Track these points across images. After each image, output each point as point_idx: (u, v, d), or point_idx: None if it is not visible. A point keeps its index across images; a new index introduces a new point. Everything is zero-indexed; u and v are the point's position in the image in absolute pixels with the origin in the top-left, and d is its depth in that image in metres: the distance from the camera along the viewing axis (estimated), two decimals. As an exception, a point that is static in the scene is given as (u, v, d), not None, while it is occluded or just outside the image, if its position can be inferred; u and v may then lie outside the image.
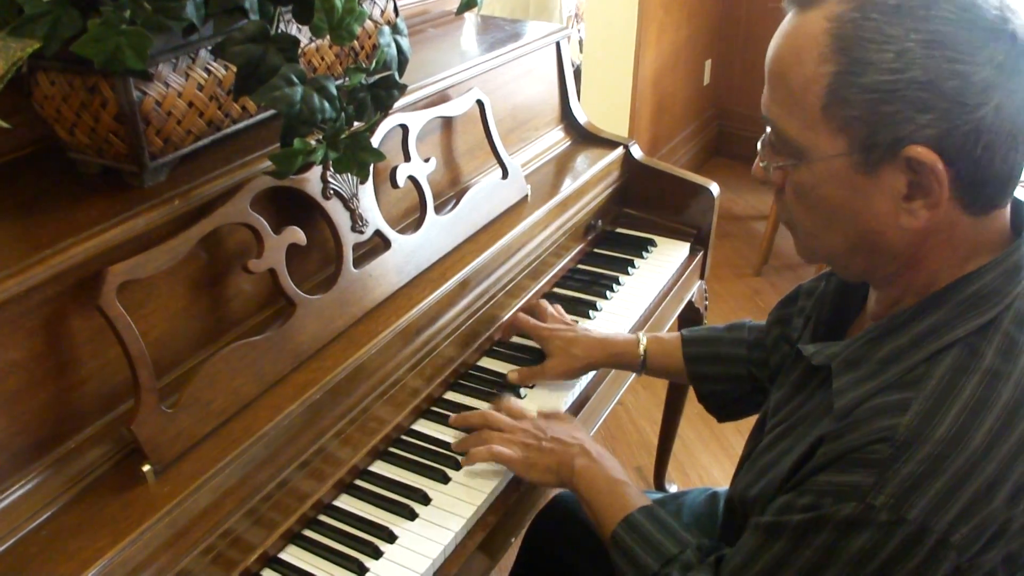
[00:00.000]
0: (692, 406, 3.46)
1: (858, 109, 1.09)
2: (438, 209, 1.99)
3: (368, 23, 1.81)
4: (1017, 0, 1.10)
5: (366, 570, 1.51)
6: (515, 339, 2.11)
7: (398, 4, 1.90)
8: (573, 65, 2.78)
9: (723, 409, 1.95)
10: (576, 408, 1.98)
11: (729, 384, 1.90)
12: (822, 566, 1.15)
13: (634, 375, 2.18)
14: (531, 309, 2.13)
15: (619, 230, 2.63)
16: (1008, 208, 1.21)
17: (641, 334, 2.01)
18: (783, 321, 1.72)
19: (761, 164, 1.27)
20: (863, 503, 1.10)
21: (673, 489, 3.20)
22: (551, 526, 1.98)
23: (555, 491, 1.98)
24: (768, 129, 1.25)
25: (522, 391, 1.95)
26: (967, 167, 1.09)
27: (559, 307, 2.16)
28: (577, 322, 2.11)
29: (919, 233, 1.16)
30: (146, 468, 1.36)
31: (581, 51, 5.14)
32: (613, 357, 2.00)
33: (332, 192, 1.71)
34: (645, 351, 1.98)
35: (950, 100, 1.05)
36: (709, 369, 1.92)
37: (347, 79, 1.47)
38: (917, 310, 1.20)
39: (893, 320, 1.23)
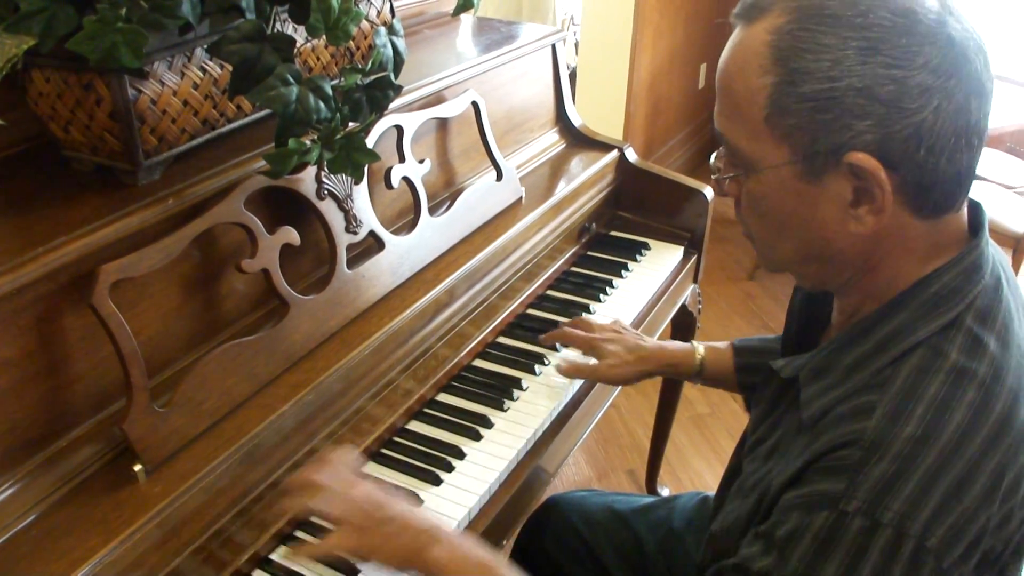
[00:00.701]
0: (684, 410, 3.48)
1: (797, 118, 1.10)
2: (432, 210, 1.99)
3: (364, 24, 1.81)
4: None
5: (357, 572, 1.50)
6: (510, 342, 2.11)
7: (394, 5, 1.90)
8: (568, 68, 2.78)
9: None
10: (570, 410, 1.98)
11: None
12: None
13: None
14: (576, 324, 2.06)
15: (613, 233, 2.63)
16: (965, 210, 1.21)
17: (696, 343, 1.97)
18: None
19: (713, 177, 1.29)
20: (835, 511, 1.07)
21: (665, 492, 3.20)
22: (543, 529, 1.98)
23: (547, 494, 1.99)
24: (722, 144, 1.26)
25: (524, 383, 1.96)
26: (911, 171, 1.10)
27: (605, 317, 2.14)
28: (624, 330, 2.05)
29: (868, 239, 1.16)
30: (137, 468, 1.36)
31: (576, 54, 5.14)
32: (669, 367, 1.96)
33: (326, 192, 1.71)
34: (702, 360, 1.94)
35: (887, 105, 1.06)
36: (757, 379, 1.87)
37: (343, 79, 1.47)
38: (879, 315, 1.20)
39: (856, 327, 1.22)
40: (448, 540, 1.35)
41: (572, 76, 4.88)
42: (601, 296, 2.31)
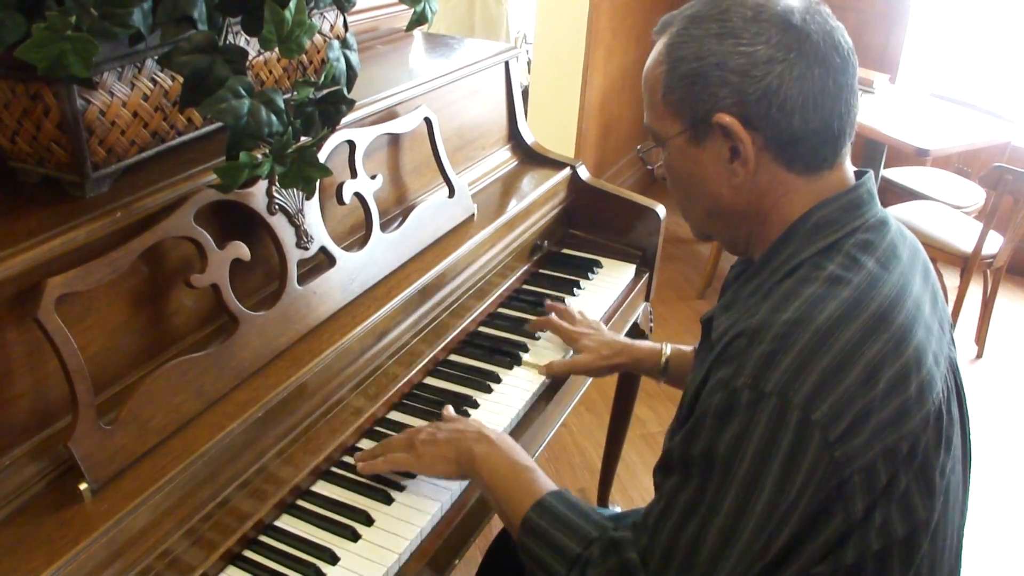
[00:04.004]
0: (635, 428, 3.48)
1: (679, 93, 1.38)
2: (384, 227, 1.98)
3: (317, 37, 1.80)
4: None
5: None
6: (462, 360, 2.11)
7: (348, 19, 1.88)
8: (521, 86, 2.78)
9: None
10: (522, 428, 1.97)
11: None
12: (710, 470, 1.26)
13: (579, 396, 2.26)
14: (559, 312, 2.24)
15: (565, 251, 2.63)
16: (848, 171, 1.43)
17: (664, 344, 2.14)
18: None
19: (639, 154, 1.60)
20: (727, 390, 1.25)
21: (616, 510, 3.19)
22: (510, 536, 1.98)
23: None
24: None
25: (476, 400, 1.95)
26: (769, 128, 1.33)
27: (583, 311, 2.27)
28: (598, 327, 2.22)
29: (751, 191, 1.40)
30: (83, 486, 1.33)
31: (529, 72, 5.14)
32: (638, 361, 2.14)
33: (277, 207, 1.69)
34: (667, 360, 2.12)
35: (740, 74, 1.32)
36: None
37: (295, 93, 1.46)
38: (771, 250, 1.41)
39: (756, 264, 1.44)
40: (495, 439, 1.69)
41: (524, 94, 4.88)
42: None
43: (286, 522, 1.61)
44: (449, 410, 1.87)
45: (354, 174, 1.91)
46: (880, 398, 1.22)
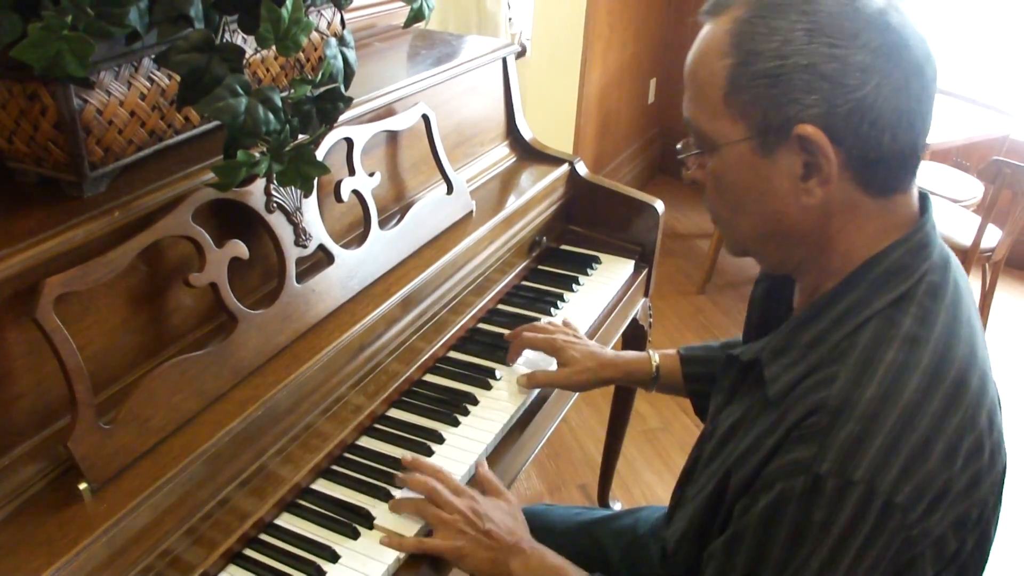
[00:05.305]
0: (636, 424, 3.48)
1: (751, 94, 1.20)
2: (382, 224, 1.98)
3: (314, 35, 1.80)
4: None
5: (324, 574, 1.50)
6: (462, 357, 2.10)
7: (345, 16, 1.88)
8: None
9: None
10: (522, 425, 1.97)
11: None
12: (791, 557, 1.16)
13: (577, 394, 2.23)
14: (532, 330, 2.12)
15: (564, 247, 2.63)
16: (915, 193, 1.29)
17: (652, 352, 2.04)
18: None
19: (679, 157, 1.38)
20: (810, 474, 1.13)
21: (617, 507, 3.19)
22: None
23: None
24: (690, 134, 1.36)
25: (477, 397, 1.94)
26: (856, 145, 1.18)
27: (567, 319, 2.20)
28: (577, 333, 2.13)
29: (820, 213, 1.25)
30: (83, 486, 1.33)
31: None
32: (627, 374, 2.03)
33: (275, 205, 1.69)
34: (658, 368, 2.01)
35: (831, 81, 1.15)
36: (705, 387, 1.93)
37: (292, 91, 1.45)
38: (834, 293, 1.26)
39: (813, 306, 1.29)
40: (529, 551, 1.58)
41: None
42: (552, 310, 2.31)
43: (286, 520, 1.62)
44: (408, 458, 1.75)
45: (352, 172, 1.90)
46: (959, 472, 1.14)
